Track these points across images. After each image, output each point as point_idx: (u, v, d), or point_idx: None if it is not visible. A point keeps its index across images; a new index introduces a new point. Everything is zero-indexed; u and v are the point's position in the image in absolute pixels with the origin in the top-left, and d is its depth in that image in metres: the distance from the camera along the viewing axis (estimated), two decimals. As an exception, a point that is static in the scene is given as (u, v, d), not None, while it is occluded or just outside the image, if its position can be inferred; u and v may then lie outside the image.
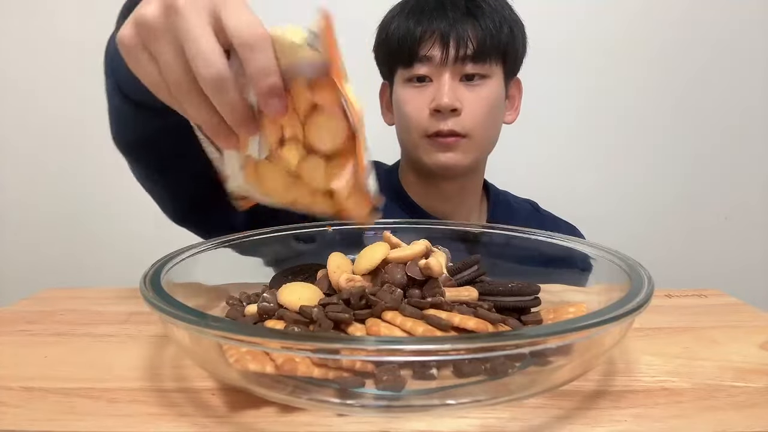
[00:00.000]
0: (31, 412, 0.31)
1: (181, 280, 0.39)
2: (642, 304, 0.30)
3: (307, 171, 0.36)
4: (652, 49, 1.21)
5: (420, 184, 0.82)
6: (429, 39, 0.71)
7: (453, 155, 0.73)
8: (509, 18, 0.74)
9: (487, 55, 0.72)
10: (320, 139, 0.34)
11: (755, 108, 1.23)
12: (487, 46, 0.71)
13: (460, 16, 0.71)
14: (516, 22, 0.76)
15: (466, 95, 0.72)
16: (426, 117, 0.72)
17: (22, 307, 0.50)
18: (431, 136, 0.73)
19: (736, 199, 1.26)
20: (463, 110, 0.72)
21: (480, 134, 0.74)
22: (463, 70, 0.72)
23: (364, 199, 0.35)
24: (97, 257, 1.26)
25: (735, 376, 0.36)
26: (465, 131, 0.72)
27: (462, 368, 0.32)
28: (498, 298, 0.40)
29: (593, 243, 0.44)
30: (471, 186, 0.82)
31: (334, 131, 0.33)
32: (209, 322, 0.28)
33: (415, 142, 0.75)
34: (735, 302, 0.51)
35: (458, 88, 0.72)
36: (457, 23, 0.71)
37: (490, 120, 0.75)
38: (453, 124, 0.71)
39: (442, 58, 0.71)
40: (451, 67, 0.71)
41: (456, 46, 0.70)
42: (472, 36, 0.71)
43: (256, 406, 0.31)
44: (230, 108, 0.32)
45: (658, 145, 1.24)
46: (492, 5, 0.73)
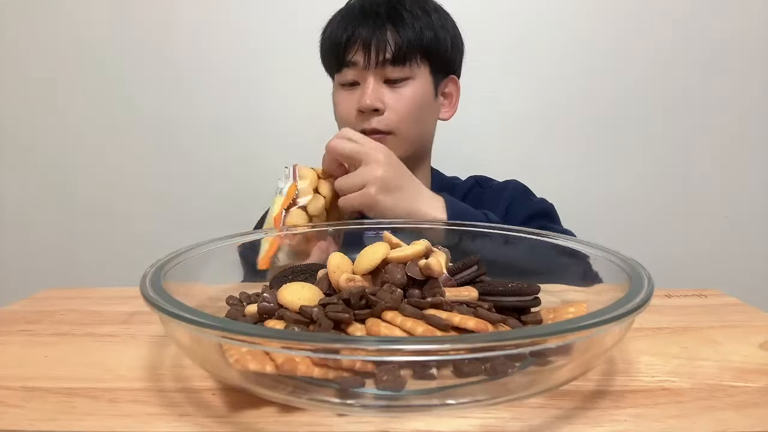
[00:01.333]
0: (31, 412, 0.31)
1: (181, 280, 0.39)
2: (642, 304, 0.30)
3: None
4: (652, 47, 1.20)
5: None
6: (353, 45, 0.78)
7: None
8: (434, 23, 0.80)
9: (407, 59, 0.78)
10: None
11: (755, 108, 1.23)
12: (405, 50, 0.77)
13: (381, 23, 0.77)
14: (443, 27, 0.81)
15: (389, 95, 0.79)
16: (354, 117, 0.79)
17: (22, 307, 0.50)
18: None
19: (736, 199, 1.26)
20: (386, 110, 0.78)
21: (405, 131, 0.80)
22: (384, 74, 0.78)
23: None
24: (97, 257, 1.26)
25: (735, 376, 0.36)
26: (389, 129, 0.78)
27: (462, 368, 0.31)
28: (498, 298, 0.40)
29: (593, 243, 0.44)
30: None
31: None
32: (209, 322, 0.28)
33: None
34: (735, 302, 0.51)
35: (381, 90, 0.79)
36: (378, 30, 0.77)
37: (415, 117, 0.80)
38: (376, 123, 0.78)
39: (365, 62, 0.77)
40: (374, 70, 0.78)
41: (376, 51, 0.77)
42: (392, 41, 0.77)
43: (256, 406, 0.31)
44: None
45: (659, 144, 1.24)
46: (413, 12, 0.79)
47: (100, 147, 1.21)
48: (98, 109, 1.20)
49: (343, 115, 0.81)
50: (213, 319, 0.29)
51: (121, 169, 1.23)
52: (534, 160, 1.23)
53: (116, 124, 1.20)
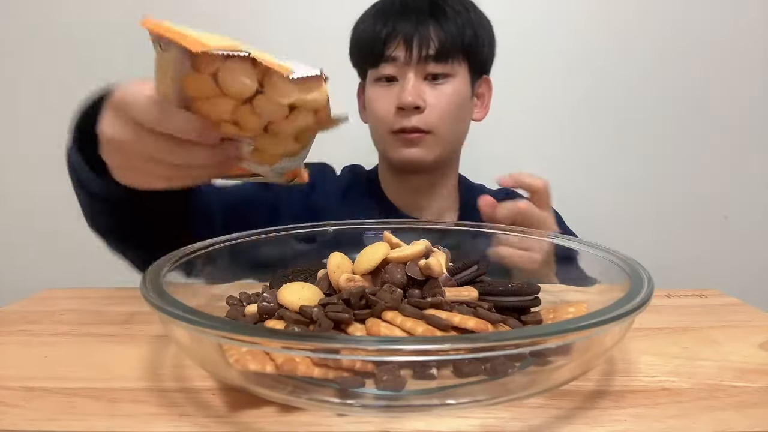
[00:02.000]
0: (31, 412, 0.31)
1: (181, 280, 0.39)
2: (642, 304, 0.30)
3: (265, 112, 0.38)
4: (651, 47, 1.20)
5: (393, 179, 0.86)
6: (393, 40, 0.75)
7: (417, 150, 0.77)
8: (473, 20, 0.78)
9: (449, 55, 0.76)
10: (239, 88, 0.36)
11: (755, 107, 1.23)
12: (449, 46, 0.75)
13: (423, 18, 0.75)
14: (481, 25, 0.80)
15: (430, 93, 0.76)
16: (392, 114, 0.76)
17: (22, 307, 0.50)
18: (396, 132, 0.77)
19: (736, 199, 1.26)
20: (427, 107, 0.76)
21: (444, 130, 0.78)
22: (426, 70, 0.76)
23: (307, 81, 0.36)
24: (97, 257, 1.26)
25: (735, 376, 0.36)
26: (428, 127, 0.76)
27: (462, 368, 0.31)
28: (498, 298, 0.40)
29: (593, 243, 0.44)
30: (441, 180, 0.85)
31: (239, 73, 0.36)
32: (209, 322, 0.28)
33: (383, 138, 0.80)
34: (735, 302, 0.51)
35: (422, 87, 0.76)
36: (420, 25, 0.74)
37: (453, 117, 0.78)
38: (416, 120, 0.75)
39: (407, 58, 0.75)
40: (415, 66, 0.75)
41: (419, 47, 0.74)
42: (435, 37, 0.75)
43: (256, 406, 0.31)
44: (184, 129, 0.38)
45: (658, 144, 1.24)
46: (455, 8, 0.77)
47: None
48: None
49: (380, 112, 0.78)
50: (213, 319, 0.29)
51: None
52: (534, 160, 1.23)
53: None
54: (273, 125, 0.39)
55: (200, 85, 0.36)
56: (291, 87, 0.36)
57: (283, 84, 0.36)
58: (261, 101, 0.37)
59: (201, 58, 0.34)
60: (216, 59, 0.35)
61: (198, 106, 0.38)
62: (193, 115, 0.38)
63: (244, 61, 0.35)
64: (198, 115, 0.38)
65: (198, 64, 0.35)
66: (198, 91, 0.37)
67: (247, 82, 0.36)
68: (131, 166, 0.42)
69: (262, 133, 0.40)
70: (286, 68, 0.35)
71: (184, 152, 0.39)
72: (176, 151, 0.39)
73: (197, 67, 0.35)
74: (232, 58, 0.35)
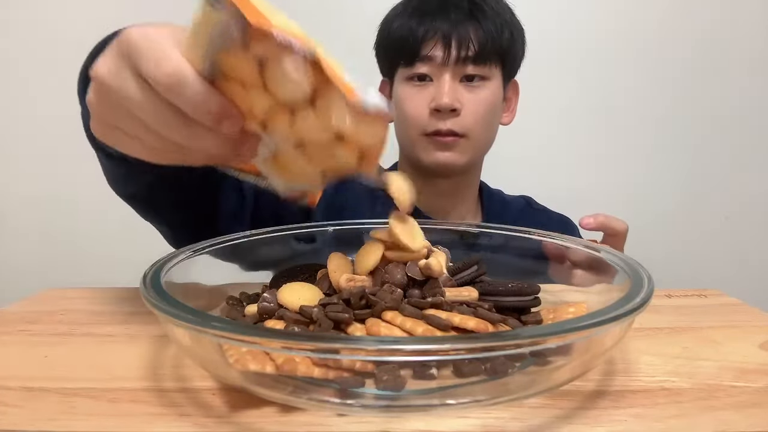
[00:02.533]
0: (31, 412, 0.31)
1: (181, 280, 0.39)
2: (642, 304, 0.30)
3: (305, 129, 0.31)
4: (651, 49, 1.21)
5: (417, 181, 0.81)
6: (431, 39, 0.72)
7: (451, 154, 0.75)
8: (510, 22, 0.76)
9: (488, 58, 0.73)
10: (287, 90, 0.29)
11: (755, 108, 1.23)
12: (488, 48, 0.73)
13: (462, 17, 0.72)
14: (516, 26, 0.77)
15: (466, 96, 0.74)
16: (425, 116, 0.74)
17: (22, 307, 0.50)
18: (430, 134, 0.74)
19: (736, 199, 1.26)
20: (462, 110, 0.73)
21: (477, 134, 0.75)
22: (463, 71, 0.73)
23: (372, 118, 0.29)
24: (97, 257, 1.26)
25: (735, 376, 0.36)
26: (463, 131, 0.74)
27: (462, 368, 0.31)
28: (498, 298, 0.40)
29: (593, 243, 0.44)
30: (467, 184, 0.83)
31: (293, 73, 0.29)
32: (209, 322, 0.28)
33: (413, 139, 0.77)
34: (735, 302, 0.51)
35: (458, 89, 0.73)
36: (460, 24, 0.72)
37: (487, 121, 0.76)
38: (452, 124, 0.73)
39: (444, 58, 0.72)
40: (452, 67, 0.73)
41: (458, 47, 0.72)
42: (474, 38, 0.72)
43: (256, 406, 0.31)
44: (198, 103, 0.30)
45: (658, 145, 1.24)
46: (494, 8, 0.74)
47: (100, 147, 1.21)
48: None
49: (412, 113, 0.75)
50: (213, 319, 0.29)
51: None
52: (534, 161, 1.23)
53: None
54: (307, 147, 0.33)
55: (242, 66, 0.29)
56: (349, 114, 0.29)
57: (341, 107, 0.29)
58: (305, 115, 0.30)
59: (255, 34, 0.27)
60: (272, 42, 0.27)
61: (227, 88, 0.30)
62: (218, 95, 0.30)
63: (305, 60, 0.28)
64: (223, 97, 0.30)
65: (248, 40, 0.28)
66: (236, 72, 0.29)
67: (299, 85, 0.29)
68: (115, 123, 0.34)
69: (290, 148, 0.33)
70: (351, 90, 0.29)
71: (189, 133, 0.32)
72: (179, 129, 0.32)
73: (246, 44, 0.28)
74: (292, 49, 0.28)
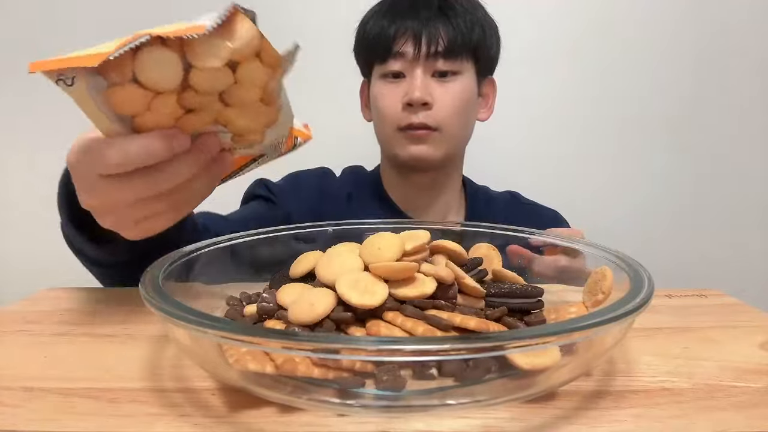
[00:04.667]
0: (31, 412, 0.31)
1: (181, 280, 0.39)
2: (642, 304, 0.30)
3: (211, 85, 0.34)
4: (651, 48, 1.20)
5: (397, 177, 0.85)
6: (402, 36, 0.75)
7: (424, 147, 0.77)
8: (481, 19, 0.78)
9: (458, 53, 0.75)
10: (165, 79, 0.32)
11: (756, 108, 1.23)
12: (458, 43, 0.75)
13: (432, 15, 0.75)
14: (488, 24, 0.80)
15: (438, 90, 0.76)
16: (399, 110, 0.76)
17: (22, 307, 0.50)
18: (403, 128, 0.76)
19: (736, 199, 1.26)
20: (435, 104, 0.75)
21: (451, 128, 0.77)
22: (434, 67, 0.75)
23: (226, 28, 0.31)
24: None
25: (735, 376, 0.36)
26: (436, 124, 0.75)
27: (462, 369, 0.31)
28: (502, 299, 0.40)
29: (593, 243, 0.44)
30: (445, 180, 0.84)
31: (155, 63, 0.31)
32: (209, 322, 0.28)
33: (389, 135, 0.79)
34: (735, 302, 0.51)
35: (430, 83, 0.75)
36: (430, 22, 0.75)
37: (461, 115, 0.78)
38: (424, 117, 0.75)
39: (415, 54, 0.74)
40: (423, 62, 0.75)
41: (428, 43, 0.74)
42: (444, 33, 0.74)
43: (256, 406, 0.31)
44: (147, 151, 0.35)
45: (658, 145, 1.24)
46: (464, 6, 0.77)
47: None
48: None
49: (386, 108, 0.78)
50: (213, 319, 0.29)
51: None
52: (534, 160, 1.23)
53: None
54: (227, 96, 0.35)
55: (127, 96, 0.32)
56: (213, 43, 0.30)
57: (204, 45, 0.30)
58: (196, 77, 0.32)
59: (108, 69, 0.30)
60: (124, 61, 0.30)
61: (142, 121, 0.34)
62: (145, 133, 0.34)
63: (153, 46, 0.30)
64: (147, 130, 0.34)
65: (112, 78, 0.31)
66: (130, 105, 0.33)
67: (167, 65, 0.31)
68: (133, 219, 0.39)
69: (225, 111, 0.35)
70: (199, 27, 0.30)
71: (167, 174, 0.36)
72: (160, 178, 0.36)
73: (113, 81, 0.31)
74: (138, 49, 0.30)
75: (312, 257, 0.43)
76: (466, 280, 0.38)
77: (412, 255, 0.39)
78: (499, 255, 0.47)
